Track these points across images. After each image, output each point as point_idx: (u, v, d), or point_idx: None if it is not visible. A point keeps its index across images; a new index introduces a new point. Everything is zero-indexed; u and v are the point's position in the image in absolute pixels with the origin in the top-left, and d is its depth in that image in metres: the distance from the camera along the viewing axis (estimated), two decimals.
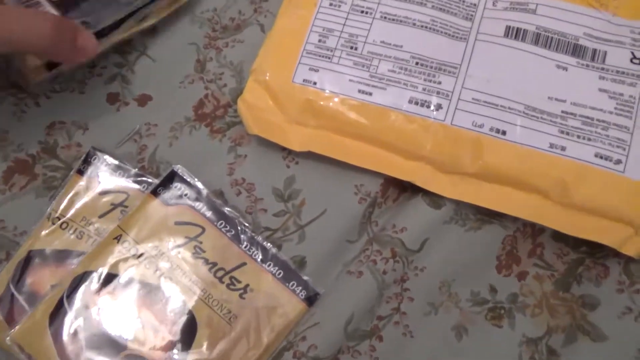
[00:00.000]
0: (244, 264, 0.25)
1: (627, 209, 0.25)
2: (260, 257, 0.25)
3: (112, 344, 0.23)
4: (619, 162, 0.25)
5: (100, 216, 0.26)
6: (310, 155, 0.28)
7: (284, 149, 0.28)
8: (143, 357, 0.23)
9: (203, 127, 0.29)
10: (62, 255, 0.25)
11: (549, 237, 0.27)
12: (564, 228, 0.26)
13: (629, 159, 0.25)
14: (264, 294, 0.24)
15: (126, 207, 0.26)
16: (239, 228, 0.25)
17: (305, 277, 0.25)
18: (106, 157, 0.27)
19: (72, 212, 0.26)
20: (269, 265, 0.25)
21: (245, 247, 0.25)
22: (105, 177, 0.27)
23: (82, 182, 0.26)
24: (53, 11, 0.26)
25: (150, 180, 0.27)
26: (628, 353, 0.25)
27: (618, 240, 0.25)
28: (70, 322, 0.23)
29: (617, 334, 0.25)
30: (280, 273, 0.25)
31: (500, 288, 0.26)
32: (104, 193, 0.26)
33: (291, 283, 0.24)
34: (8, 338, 0.23)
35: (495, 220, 0.27)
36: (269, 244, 0.25)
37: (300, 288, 0.24)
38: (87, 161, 0.27)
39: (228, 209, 0.26)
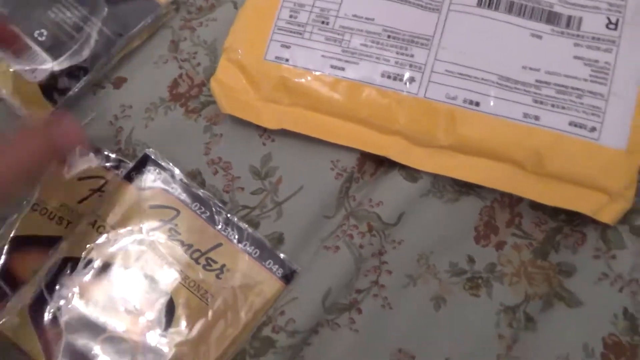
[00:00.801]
0: (220, 244, 0.25)
1: (602, 177, 0.25)
2: (236, 237, 0.25)
3: (91, 328, 0.24)
4: (593, 129, 0.25)
5: (80, 202, 0.26)
6: (286, 133, 0.28)
7: (260, 127, 0.28)
8: (122, 339, 0.24)
9: (178, 107, 0.29)
10: (42, 242, 0.26)
11: (527, 207, 0.27)
12: (539, 197, 0.26)
13: (603, 127, 0.25)
14: (240, 273, 0.25)
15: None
16: (213, 209, 0.26)
17: (281, 255, 0.25)
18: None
19: (51, 198, 0.26)
20: (245, 245, 0.25)
21: (221, 228, 0.25)
22: (84, 162, 0.27)
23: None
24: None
25: (128, 164, 0.27)
26: (604, 318, 0.25)
27: (593, 208, 0.25)
28: (49, 309, 0.24)
29: (592, 300, 0.25)
30: (256, 252, 0.25)
31: (479, 258, 0.27)
32: (82, 178, 0.27)
33: (268, 262, 0.25)
34: None
35: (472, 191, 0.27)
36: (244, 224, 0.26)
37: (277, 266, 0.25)
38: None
39: (203, 191, 0.26)
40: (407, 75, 0.27)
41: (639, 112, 0.25)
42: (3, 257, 0.25)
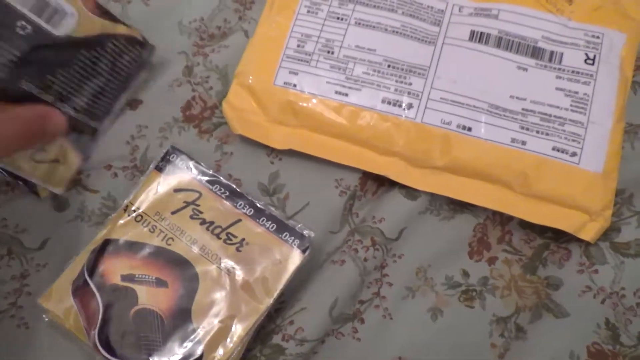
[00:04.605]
0: (239, 220, 0.29)
1: (583, 198, 0.29)
2: (254, 213, 0.29)
3: (125, 300, 0.27)
4: (574, 154, 0.30)
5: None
6: (292, 152, 0.32)
7: (267, 146, 0.32)
8: (153, 311, 0.27)
9: (191, 128, 0.33)
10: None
11: (516, 225, 0.31)
12: (526, 216, 0.30)
13: (583, 152, 0.30)
14: (259, 246, 0.28)
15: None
16: (232, 190, 0.30)
17: (297, 227, 0.29)
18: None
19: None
20: (262, 220, 0.29)
21: (239, 205, 0.29)
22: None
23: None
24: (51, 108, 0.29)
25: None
26: (588, 327, 0.29)
27: (575, 226, 0.29)
28: (89, 285, 0.28)
29: (578, 311, 0.29)
30: (273, 226, 0.29)
31: (472, 272, 0.30)
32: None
33: (284, 234, 0.28)
34: (39, 300, 0.28)
35: (466, 209, 0.31)
36: (261, 202, 0.29)
37: (293, 238, 0.28)
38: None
39: (220, 176, 0.30)
40: (405, 101, 0.31)
41: (613, 139, 0.30)
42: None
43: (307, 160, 0.32)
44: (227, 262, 0.28)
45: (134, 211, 0.29)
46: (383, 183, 0.32)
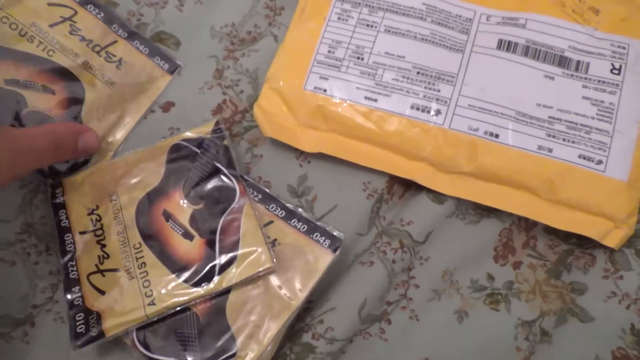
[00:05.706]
0: (271, 222, 0.30)
1: (608, 205, 0.30)
2: (285, 215, 0.30)
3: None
4: (600, 162, 0.31)
5: (51, 25, 0.32)
6: (321, 155, 0.33)
7: (296, 149, 0.33)
8: (189, 309, 0.28)
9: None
10: (14, 54, 0.31)
11: (541, 230, 0.32)
12: (551, 222, 0.31)
13: (609, 160, 0.31)
14: (290, 246, 0.29)
15: (75, 22, 0.31)
16: (265, 193, 0.31)
17: (327, 227, 0.30)
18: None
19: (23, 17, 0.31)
20: (294, 221, 0.30)
21: (272, 207, 0.30)
22: None
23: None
24: None
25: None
26: (613, 332, 0.30)
27: (600, 233, 0.30)
28: None
29: (603, 316, 0.30)
30: (304, 227, 0.30)
31: (498, 276, 0.31)
32: (52, 5, 0.32)
33: (315, 234, 0.29)
34: None
35: (492, 214, 0.32)
36: (291, 205, 0.31)
37: (324, 238, 0.29)
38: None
39: (250, 179, 0.31)
40: (434, 108, 0.32)
41: (639, 148, 0.31)
42: None
43: (336, 163, 0.33)
44: None
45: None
46: (410, 187, 0.33)
